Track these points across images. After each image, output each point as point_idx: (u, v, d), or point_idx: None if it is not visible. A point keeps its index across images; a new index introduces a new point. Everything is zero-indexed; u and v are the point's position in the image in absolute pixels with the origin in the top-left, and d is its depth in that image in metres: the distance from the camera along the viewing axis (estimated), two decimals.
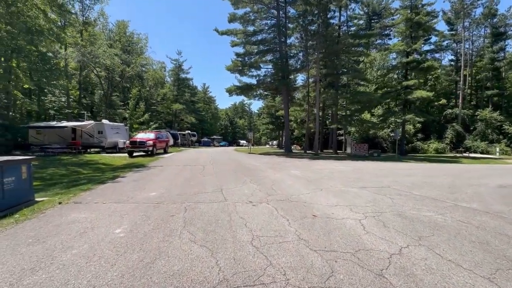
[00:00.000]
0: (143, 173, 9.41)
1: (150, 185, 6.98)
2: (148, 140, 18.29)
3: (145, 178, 8.19)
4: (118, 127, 22.56)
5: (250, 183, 7.33)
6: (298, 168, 11.47)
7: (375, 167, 13.13)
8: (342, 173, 9.94)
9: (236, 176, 8.77)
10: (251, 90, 25.33)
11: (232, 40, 23.85)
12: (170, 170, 10.11)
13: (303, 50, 26.61)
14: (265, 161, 15.16)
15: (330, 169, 11.29)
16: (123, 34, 41.32)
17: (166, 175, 8.73)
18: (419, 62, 25.01)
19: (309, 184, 7.42)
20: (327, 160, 17.27)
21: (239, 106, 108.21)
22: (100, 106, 32.73)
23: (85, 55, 27.45)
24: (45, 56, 12.77)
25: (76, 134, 21.70)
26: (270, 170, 10.64)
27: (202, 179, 7.94)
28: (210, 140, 56.55)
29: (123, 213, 4.39)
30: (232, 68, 23.44)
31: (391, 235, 3.52)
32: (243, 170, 10.36)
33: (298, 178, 8.44)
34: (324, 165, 13.25)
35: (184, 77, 52.77)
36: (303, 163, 14.26)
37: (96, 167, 12.47)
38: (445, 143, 33.68)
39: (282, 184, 7.35)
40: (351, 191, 6.45)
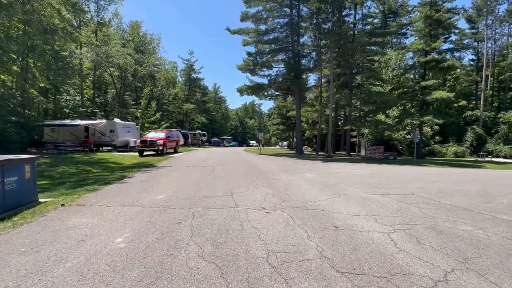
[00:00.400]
0: (151, 173, 9.16)
1: (158, 186, 6.68)
2: (158, 140, 18.19)
3: (153, 179, 7.92)
4: (129, 126, 22.68)
5: (262, 187, 6.92)
6: (312, 171, 10.96)
7: (394, 171, 12.43)
8: (360, 178, 9.36)
9: (247, 178, 8.37)
10: (263, 89, 24.92)
11: (243, 39, 23.56)
12: (179, 171, 9.83)
13: (316, 49, 25.99)
14: (277, 163, 14.71)
15: (346, 173, 10.71)
16: (137, 34, 41.87)
17: (174, 177, 8.44)
18: (438, 61, 23.87)
19: (326, 189, 6.93)
20: (341, 162, 16.63)
21: (250, 106, 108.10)
22: (113, 105, 33.15)
23: (99, 54, 27.84)
24: (58, 55, 12.84)
25: (88, 132, 21.97)
26: (282, 172, 10.18)
27: (212, 182, 7.59)
28: (220, 140, 56.54)
29: (127, 218, 4.06)
30: (243, 67, 23.10)
31: (429, 254, 3.02)
32: (254, 172, 9.95)
33: (313, 182, 7.95)
34: (339, 168, 12.66)
35: (195, 77, 53.02)
36: (316, 166, 13.72)
37: (106, 166, 12.38)
38: (465, 146, 32.15)
39: (297, 188, 6.89)
40: (373, 199, 5.91)
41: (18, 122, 15.58)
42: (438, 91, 22.79)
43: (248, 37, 23.52)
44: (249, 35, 23.51)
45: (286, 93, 31.12)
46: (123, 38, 36.69)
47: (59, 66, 13.01)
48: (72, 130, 21.85)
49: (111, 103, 33.37)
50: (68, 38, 14.14)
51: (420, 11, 24.73)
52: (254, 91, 24.27)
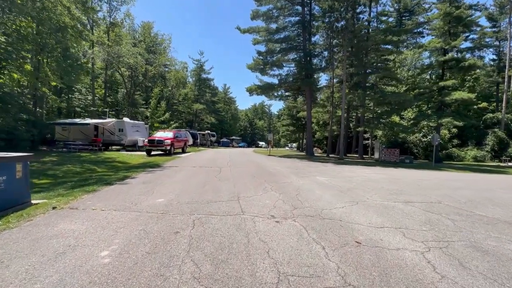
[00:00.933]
0: (155, 174, 8.79)
1: (160, 188, 6.26)
2: (166, 139, 17.96)
3: (156, 180, 7.53)
4: (138, 125, 22.62)
5: (271, 191, 6.38)
6: (324, 174, 10.33)
7: (413, 176, 11.62)
8: (377, 183, 8.67)
9: (255, 181, 7.86)
10: (273, 89, 24.37)
11: (254, 38, 23.13)
12: (185, 172, 9.43)
13: (328, 48, 25.27)
14: (287, 165, 14.13)
15: (361, 177, 10.03)
16: (148, 35, 42.24)
17: (179, 178, 8.02)
18: (458, 60, 22.69)
19: (341, 195, 6.32)
20: (354, 165, 15.86)
21: (259, 107, 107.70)
22: (123, 104, 33.39)
23: (111, 54, 28.06)
24: (67, 52, 12.78)
25: (98, 131, 22.03)
26: (293, 175, 9.61)
27: (218, 184, 7.11)
28: (229, 140, 56.34)
29: (120, 225, 3.62)
30: (253, 66, 22.65)
31: (480, 284, 2.41)
32: (263, 175, 9.43)
33: (327, 187, 7.35)
34: (353, 172, 11.96)
35: (205, 77, 53.06)
36: (328, 168, 13.05)
37: (112, 165, 12.16)
38: (485, 150, 30.51)
39: (309, 193, 6.32)
40: (396, 207, 5.28)
41: (28, 120, 15.63)
42: (457, 91, 21.64)
43: (258, 36, 23.07)
44: (259, 34, 23.05)
45: (297, 94, 30.47)
46: (134, 38, 36.98)
47: (68, 64, 12.93)
48: (82, 129, 21.98)
49: (121, 103, 33.62)
50: (78, 37, 14.11)
51: (439, 8, 23.61)
52: (264, 91, 23.76)
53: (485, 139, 31.30)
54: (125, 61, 27.37)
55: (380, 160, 19.84)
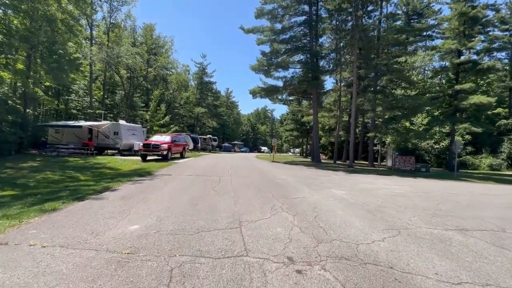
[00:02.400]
0: (143, 184, 7.45)
1: (140, 207, 4.91)
2: (163, 144, 16.69)
3: (140, 193, 6.18)
4: (134, 129, 21.41)
5: (282, 211, 5.01)
6: (340, 186, 8.93)
7: (441, 188, 10.17)
8: (406, 198, 7.26)
9: (261, 196, 6.48)
10: (277, 92, 23.11)
11: (258, 38, 21.96)
12: (178, 183, 8.07)
13: (335, 50, 24.07)
14: (294, 173, 12.73)
15: (383, 189, 8.61)
16: (149, 37, 41.47)
17: (169, 191, 6.67)
18: (475, 62, 21.33)
19: (371, 217, 4.94)
20: (368, 174, 14.42)
21: (262, 112, 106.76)
22: (121, 106, 32.28)
23: (109, 54, 27.07)
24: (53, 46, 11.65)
25: (92, 134, 20.83)
26: (304, 187, 8.22)
27: (215, 200, 5.75)
28: (231, 145, 55.12)
29: (51, 280, 2.27)
30: (257, 67, 21.43)
31: None
32: (270, 186, 8.05)
33: (349, 205, 5.96)
34: (371, 183, 10.54)
35: (208, 80, 52.04)
36: (341, 178, 11.64)
37: (99, 172, 10.87)
38: (501, 158, 28.88)
39: (331, 215, 4.93)
40: (454, 240, 3.88)
41: (15, 122, 14.44)
42: (475, 95, 20.20)
43: (263, 36, 21.90)
44: (264, 33, 21.89)
45: (302, 97, 29.24)
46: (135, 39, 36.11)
47: (54, 59, 11.78)
48: (76, 131, 20.80)
49: (119, 105, 32.52)
50: (68, 31, 12.99)
51: (453, 8, 22.35)
52: (268, 93, 22.49)
53: (500, 146, 29.70)
54: (123, 61, 26.29)
55: (393, 169, 18.37)
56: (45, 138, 22.59)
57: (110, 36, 30.55)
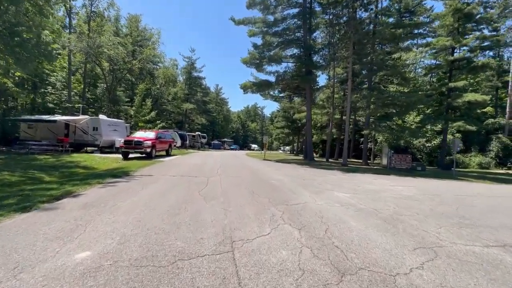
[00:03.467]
0: (115, 188, 6.29)
1: (101, 221, 3.81)
2: (146, 140, 15.41)
3: (109, 200, 5.05)
4: (116, 124, 19.89)
5: (284, 223, 4.04)
6: (341, 187, 8.06)
7: (448, 189, 9.48)
8: (419, 202, 6.46)
9: (256, 201, 5.49)
10: (269, 87, 22.10)
11: (249, 30, 20.81)
12: (158, 185, 6.96)
13: (328, 45, 23.29)
14: (288, 172, 11.82)
15: (388, 191, 7.80)
16: (135, 28, 39.48)
17: (145, 196, 5.56)
18: (469, 60, 21.10)
19: (393, 230, 4.05)
20: (365, 173, 13.69)
21: (252, 109, 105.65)
22: (103, 101, 30.35)
23: (90, 44, 25.22)
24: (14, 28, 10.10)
25: (69, 130, 19.21)
26: (302, 189, 7.30)
27: (200, 208, 4.71)
28: (221, 143, 53.84)
29: None
30: (248, 60, 20.32)
31: None
32: (265, 189, 7.07)
33: (360, 212, 5.06)
34: (372, 183, 9.75)
35: (197, 75, 50.44)
36: (339, 178, 10.82)
37: (69, 172, 9.57)
38: (489, 157, 29.16)
39: (343, 228, 4.00)
40: (505, 263, 3.03)
41: None
42: (469, 93, 19.96)
43: (254, 27, 20.78)
44: (255, 25, 20.77)
45: (294, 93, 28.37)
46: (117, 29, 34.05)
47: (15, 42, 10.26)
48: (51, 126, 19.10)
49: (100, 99, 30.57)
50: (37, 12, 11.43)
51: (448, 4, 21.99)
52: (259, 88, 21.44)
53: (489, 145, 30.00)
54: (105, 52, 24.50)
55: (388, 167, 17.84)
56: (18, 134, 20.78)
57: (91, 25, 28.59)
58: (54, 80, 27.01)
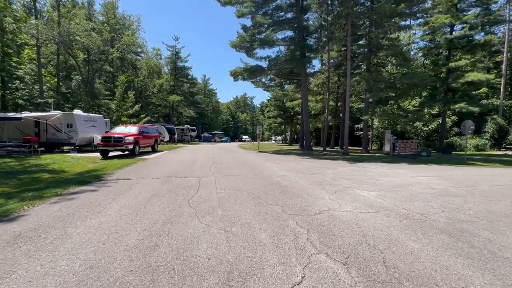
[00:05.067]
0: (73, 204, 4.71)
1: (25, 273, 2.32)
2: (128, 136, 13.68)
3: (53, 228, 3.52)
4: (94, 120, 17.89)
5: (316, 252, 2.68)
6: (360, 183, 6.78)
7: (471, 177, 8.38)
8: (463, 200, 5.25)
9: (265, 213, 4.10)
10: (261, 73, 20.44)
11: (237, 10, 18.89)
12: (135, 193, 5.45)
13: (321, 27, 21.72)
14: (292, 166, 10.48)
15: (417, 186, 6.57)
16: (112, 15, 36.48)
17: (112, 215, 4.06)
18: (470, 38, 20.09)
19: (475, 254, 2.76)
20: (372, 162, 12.54)
21: (242, 99, 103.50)
22: (79, 94, 27.86)
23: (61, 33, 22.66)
24: None
25: (40, 128, 17.14)
26: (318, 189, 5.97)
27: (190, 233, 3.26)
28: (211, 135, 52.06)
29: None
30: (238, 44, 18.56)
31: None
32: (272, 192, 5.68)
33: (407, 220, 3.76)
34: (388, 174, 8.55)
35: (182, 65, 47.90)
36: (350, 170, 9.56)
37: (30, 178, 7.89)
38: (485, 138, 28.88)
39: (402, 252, 2.67)
40: None
41: None
42: (472, 73, 19.03)
43: (243, 7, 18.90)
44: (244, 4, 18.88)
45: (287, 79, 26.85)
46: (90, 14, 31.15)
47: None
48: (18, 125, 16.96)
49: (76, 92, 28.05)
50: None
51: None
52: (251, 74, 19.75)
53: (484, 126, 29.68)
54: (76, 39, 22.04)
55: (391, 154, 16.84)
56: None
57: (61, 11, 25.80)
58: (22, 73, 24.39)
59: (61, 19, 24.79)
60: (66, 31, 22.04)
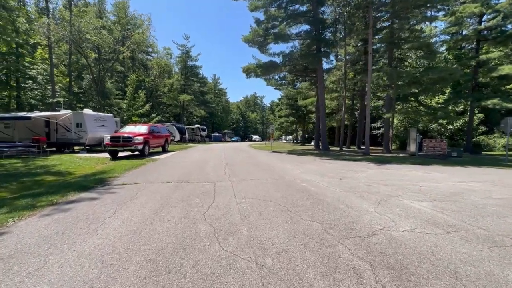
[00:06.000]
0: (66, 216, 3.95)
1: None
2: (137, 136, 13.06)
3: (32, 255, 2.74)
4: (104, 119, 17.47)
5: None
6: (403, 190, 5.75)
7: None
8: None
9: (303, 233, 3.20)
10: (275, 69, 19.44)
11: (250, 2, 17.97)
12: (140, 204, 4.65)
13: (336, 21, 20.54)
14: (314, 169, 9.50)
15: (474, 194, 5.49)
16: (123, 15, 36.38)
17: (109, 234, 3.25)
18: (503, 28, 18.44)
19: None
20: (401, 164, 11.38)
21: (251, 99, 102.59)
22: (90, 94, 27.72)
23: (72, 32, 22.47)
24: None
25: (50, 127, 16.86)
26: (356, 198, 5.00)
27: (209, 267, 2.40)
28: (221, 135, 51.56)
29: None
30: (251, 38, 17.67)
31: None
32: (303, 203, 4.77)
33: (501, 249, 2.77)
34: (430, 179, 7.47)
35: (193, 64, 47.51)
36: (381, 173, 8.51)
37: (32, 181, 7.31)
38: None
39: None
40: None
41: None
42: (506, 65, 17.41)
43: (256, 0, 17.94)
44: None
45: (301, 76, 25.77)
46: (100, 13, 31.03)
47: None
48: (29, 125, 16.73)
49: (87, 92, 27.92)
50: None
51: None
52: (265, 70, 18.78)
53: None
54: (87, 38, 21.77)
55: (417, 154, 15.56)
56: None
57: (72, 11, 25.70)
58: (35, 73, 24.42)
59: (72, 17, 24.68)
60: (77, 29, 21.78)
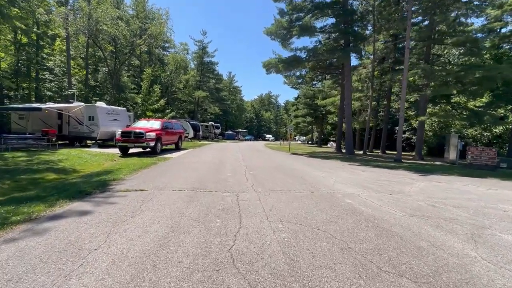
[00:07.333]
0: (37, 245, 2.89)
1: None
2: (149, 131, 12.16)
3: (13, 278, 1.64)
4: (117, 112, 16.77)
5: None
6: (489, 218, 4.35)
7: None
8: None
9: None
10: (299, 64, 17.98)
11: None
12: (143, 226, 3.53)
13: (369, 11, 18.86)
14: (348, 177, 8.13)
15: None
16: (141, 9, 36.07)
17: (93, 283, 2.11)
18: None
19: None
20: (449, 176, 9.75)
21: (266, 98, 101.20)
22: (105, 87, 27.36)
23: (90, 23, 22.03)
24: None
25: (62, 120, 16.35)
26: (435, 230, 3.66)
27: None
28: (235, 133, 50.64)
29: None
30: (274, 30, 16.39)
31: None
32: (364, 234, 3.50)
33: None
34: (497, 198, 5.97)
35: (209, 61, 46.78)
36: (436, 189, 7.04)
37: (30, 179, 6.45)
38: None
39: None
40: None
41: None
42: None
43: None
44: None
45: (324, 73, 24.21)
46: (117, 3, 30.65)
47: None
48: (42, 116, 16.30)
49: (102, 85, 27.59)
50: None
51: None
52: (287, 65, 17.38)
53: None
54: (103, 29, 21.23)
55: (457, 163, 13.78)
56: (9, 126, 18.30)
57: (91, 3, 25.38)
58: (52, 65, 24.27)
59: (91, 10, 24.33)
60: (94, 20, 21.28)
